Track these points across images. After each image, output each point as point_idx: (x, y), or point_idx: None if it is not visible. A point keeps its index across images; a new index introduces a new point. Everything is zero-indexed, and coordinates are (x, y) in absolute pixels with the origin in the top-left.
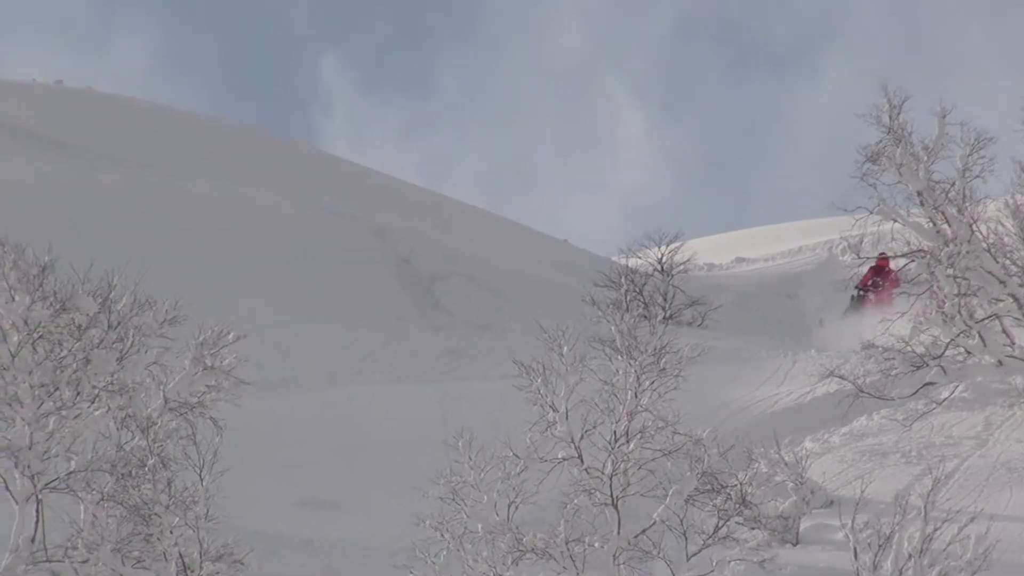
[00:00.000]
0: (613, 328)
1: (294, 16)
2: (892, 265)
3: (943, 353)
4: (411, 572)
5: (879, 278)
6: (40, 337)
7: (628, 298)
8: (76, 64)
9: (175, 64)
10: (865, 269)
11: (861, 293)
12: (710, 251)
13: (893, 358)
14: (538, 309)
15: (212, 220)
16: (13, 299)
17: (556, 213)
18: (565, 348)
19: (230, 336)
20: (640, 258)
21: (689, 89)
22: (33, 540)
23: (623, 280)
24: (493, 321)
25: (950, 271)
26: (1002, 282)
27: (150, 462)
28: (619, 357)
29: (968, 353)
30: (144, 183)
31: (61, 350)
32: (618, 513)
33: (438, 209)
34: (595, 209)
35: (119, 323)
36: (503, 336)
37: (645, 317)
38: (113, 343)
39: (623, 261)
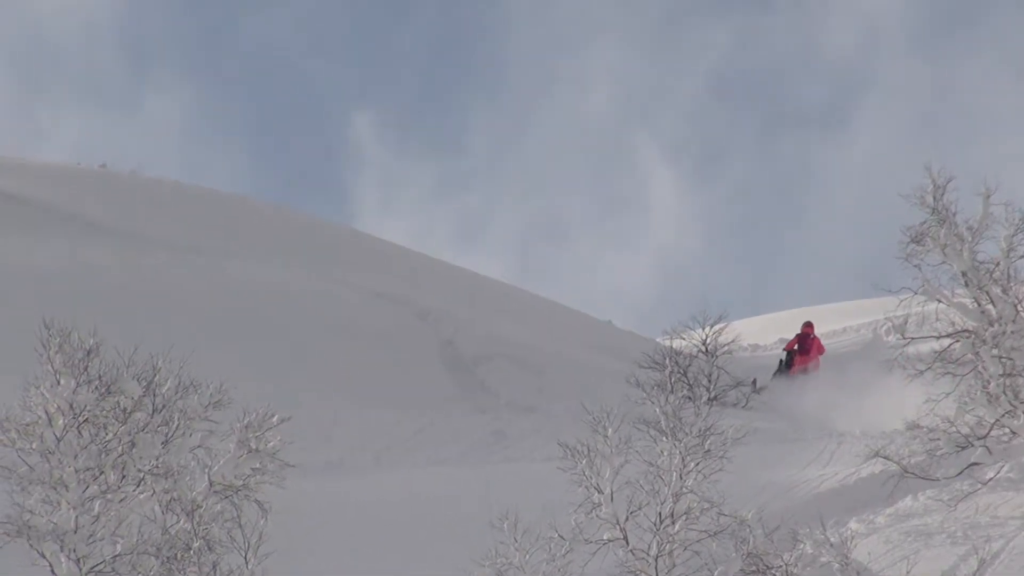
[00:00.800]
0: (658, 410)
1: (324, 77)
2: (815, 332)
3: (988, 433)
4: None
5: (802, 344)
6: (85, 421)
7: (672, 379)
8: (107, 125)
9: (206, 121)
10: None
11: (787, 357)
12: (754, 332)
13: (938, 439)
14: (582, 391)
15: (255, 303)
16: (58, 383)
17: (588, 273)
18: (610, 430)
19: (275, 419)
20: (684, 339)
21: (721, 148)
22: None
23: (667, 361)
24: (537, 403)
25: (995, 351)
26: None
27: (195, 545)
28: (664, 439)
29: (1013, 433)
30: (187, 266)
31: (106, 434)
32: None
33: (481, 290)
34: (628, 270)
35: (164, 406)
36: (547, 418)
37: (690, 398)
38: (158, 427)
39: (667, 342)
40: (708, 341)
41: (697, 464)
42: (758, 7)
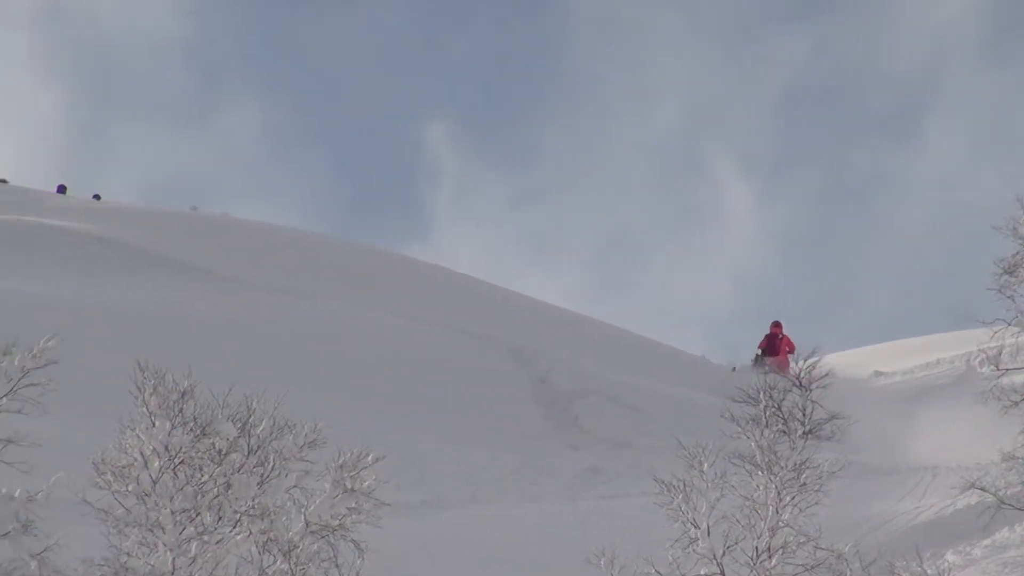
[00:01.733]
0: (753, 444)
1: (393, 91)
2: (783, 332)
3: None
4: None
5: (771, 343)
6: (181, 463)
7: (767, 414)
8: (181, 142)
9: (279, 137)
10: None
11: (759, 353)
12: (848, 366)
13: None
14: (676, 426)
15: (348, 342)
16: (153, 425)
17: (661, 289)
18: (705, 464)
19: (369, 458)
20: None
21: (793, 159)
22: None
23: (761, 396)
24: (632, 439)
25: None
26: None
27: None
28: (759, 473)
29: None
30: (279, 306)
31: (202, 475)
32: None
33: (574, 327)
34: (701, 285)
35: (259, 447)
36: (642, 453)
37: (784, 432)
38: (254, 467)
39: (761, 377)
40: (802, 375)
41: (793, 498)
42: (828, 17)
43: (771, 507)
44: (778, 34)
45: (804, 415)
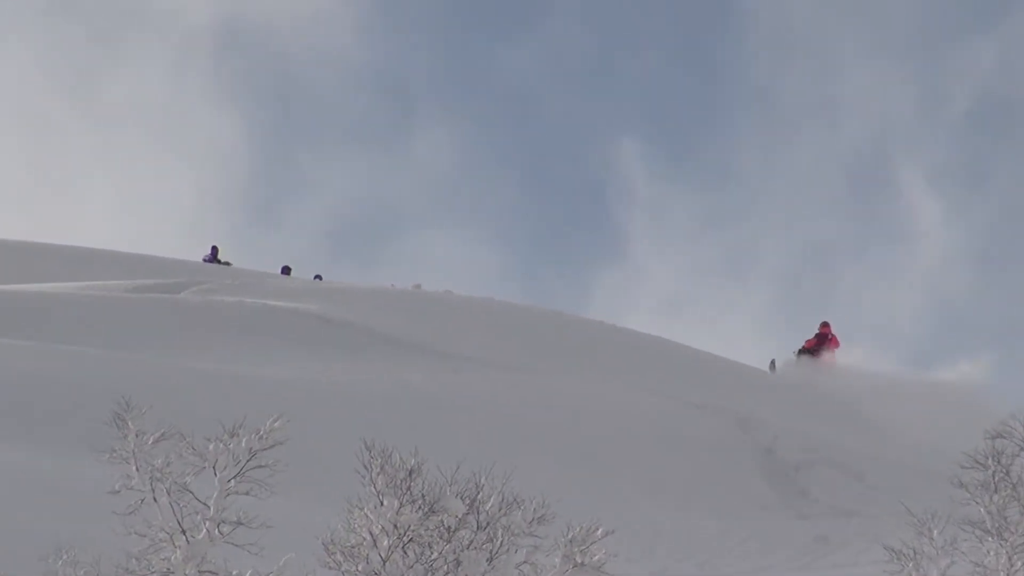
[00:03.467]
0: (982, 510)
1: (586, 108)
2: (832, 331)
3: None
4: None
5: (821, 344)
6: (410, 541)
7: (996, 478)
8: (370, 167)
9: (470, 160)
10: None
11: (803, 352)
12: None
13: None
14: (903, 493)
15: (573, 416)
16: (381, 504)
17: (854, 307)
18: (935, 531)
19: (599, 532)
20: (1005, 438)
21: (987, 173)
22: None
23: (990, 461)
24: (859, 507)
25: None
26: None
27: None
28: (989, 539)
29: None
30: (503, 382)
31: (431, 553)
32: None
33: (797, 396)
34: (893, 303)
35: (488, 523)
36: (870, 521)
37: (1015, 498)
38: (483, 544)
39: (988, 442)
40: None
41: None
42: (1016, 23)
43: (1002, 573)
44: (965, 44)
45: None
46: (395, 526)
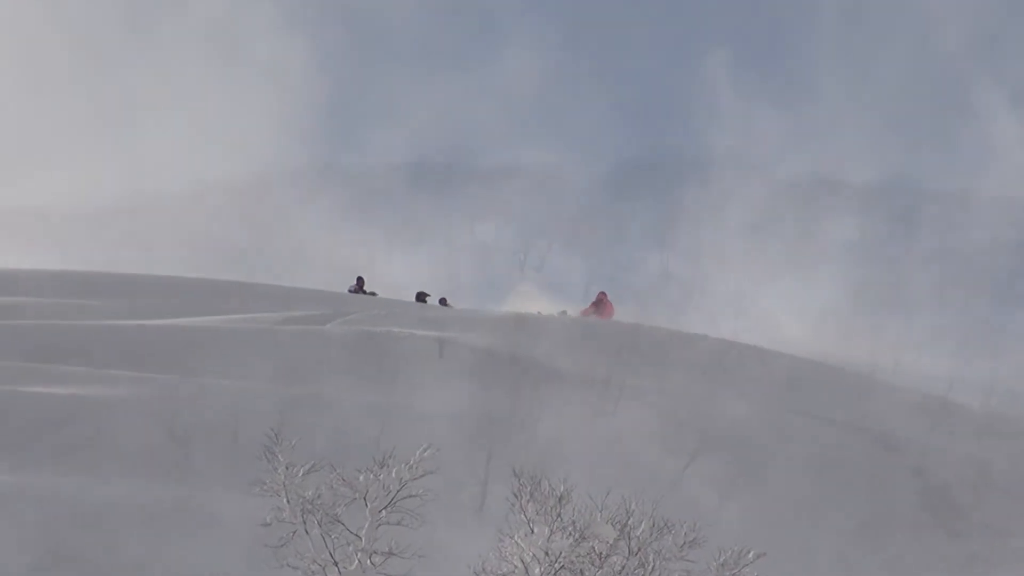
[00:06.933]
0: None
1: (674, 22)
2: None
3: None
4: None
5: (597, 309)
6: (561, 567)
7: None
8: (459, 92)
9: (557, 78)
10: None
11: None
12: None
13: None
14: None
15: (718, 438)
16: (532, 531)
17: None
18: None
19: (750, 555)
20: None
21: None
22: None
23: None
24: (1013, 526)
25: None
26: None
27: None
28: None
29: None
30: (643, 407)
31: None
32: None
33: (945, 413)
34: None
35: (639, 549)
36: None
37: None
38: (634, 569)
39: None
40: None
41: None
42: None
43: None
44: None
45: None
46: (546, 553)
